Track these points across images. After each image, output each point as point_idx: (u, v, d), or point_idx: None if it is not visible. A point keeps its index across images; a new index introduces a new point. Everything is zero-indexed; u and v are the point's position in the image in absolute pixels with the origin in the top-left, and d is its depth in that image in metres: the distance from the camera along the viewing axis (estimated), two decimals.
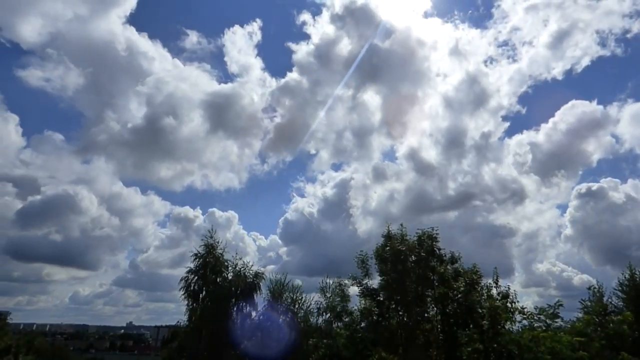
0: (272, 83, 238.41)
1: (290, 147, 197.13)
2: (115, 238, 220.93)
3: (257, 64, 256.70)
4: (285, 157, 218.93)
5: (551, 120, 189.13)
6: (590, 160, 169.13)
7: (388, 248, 19.99)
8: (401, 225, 20.74)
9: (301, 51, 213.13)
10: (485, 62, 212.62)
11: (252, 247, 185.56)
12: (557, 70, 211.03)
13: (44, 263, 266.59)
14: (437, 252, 20.04)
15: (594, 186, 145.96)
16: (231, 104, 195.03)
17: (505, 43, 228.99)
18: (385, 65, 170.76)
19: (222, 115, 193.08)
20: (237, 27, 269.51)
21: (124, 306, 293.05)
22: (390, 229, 20.63)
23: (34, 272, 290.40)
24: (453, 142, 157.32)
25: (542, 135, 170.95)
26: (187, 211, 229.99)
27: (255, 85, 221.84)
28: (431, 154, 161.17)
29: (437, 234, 20.20)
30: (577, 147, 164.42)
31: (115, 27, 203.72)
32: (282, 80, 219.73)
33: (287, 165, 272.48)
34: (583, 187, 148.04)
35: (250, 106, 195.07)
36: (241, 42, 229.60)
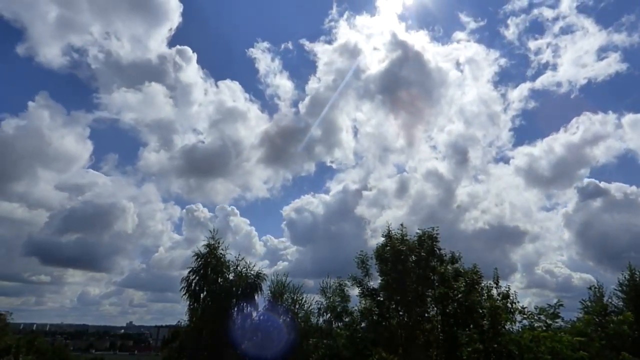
0: (302, 97, 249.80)
1: (311, 159, 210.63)
2: (139, 244, 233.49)
3: (287, 81, 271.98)
4: (307, 169, 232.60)
5: (559, 129, 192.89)
6: (595, 165, 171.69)
7: (388, 248, 20.01)
8: (401, 225, 20.79)
9: (323, 62, 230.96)
10: (494, 78, 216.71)
11: (262, 250, 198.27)
12: (567, 84, 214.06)
13: (65, 267, 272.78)
14: (438, 252, 20.05)
15: (596, 187, 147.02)
16: (268, 126, 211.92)
17: (514, 60, 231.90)
18: (399, 83, 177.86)
19: (255, 135, 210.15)
20: (265, 44, 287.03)
21: (129, 306, 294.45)
22: (390, 229, 20.66)
23: (50, 274, 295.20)
24: (464, 154, 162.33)
25: (546, 144, 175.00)
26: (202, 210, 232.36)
27: (286, 103, 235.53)
28: (442, 167, 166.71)
29: (437, 234, 20.23)
30: (581, 153, 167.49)
31: (162, 49, 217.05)
32: (308, 97, 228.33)
33: (306, 174, 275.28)
34: (584, 189, 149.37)
35: (280, 122, 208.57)
36: (270, 63, 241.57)
